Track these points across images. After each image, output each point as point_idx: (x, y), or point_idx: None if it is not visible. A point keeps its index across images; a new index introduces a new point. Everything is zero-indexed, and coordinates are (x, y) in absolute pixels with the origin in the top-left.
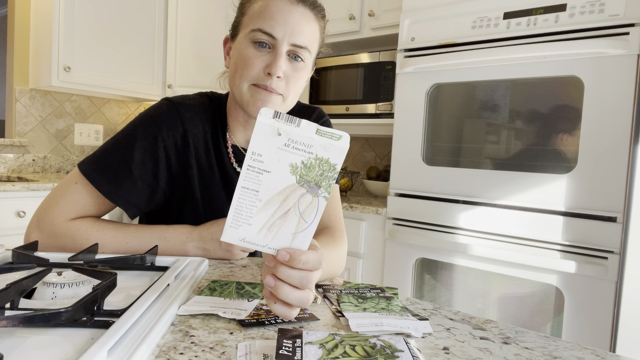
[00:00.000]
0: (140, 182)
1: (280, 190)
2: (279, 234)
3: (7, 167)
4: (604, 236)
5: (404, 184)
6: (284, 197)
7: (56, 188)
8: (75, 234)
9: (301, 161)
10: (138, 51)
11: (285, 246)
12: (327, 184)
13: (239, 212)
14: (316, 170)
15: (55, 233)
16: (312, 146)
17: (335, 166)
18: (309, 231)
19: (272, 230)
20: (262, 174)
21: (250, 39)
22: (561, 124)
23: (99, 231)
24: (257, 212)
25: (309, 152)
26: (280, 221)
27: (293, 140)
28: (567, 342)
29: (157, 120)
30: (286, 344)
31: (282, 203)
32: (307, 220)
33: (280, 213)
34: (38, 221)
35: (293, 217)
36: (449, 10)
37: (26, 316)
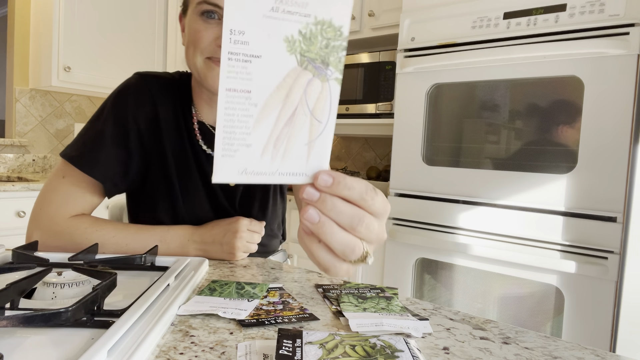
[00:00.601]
0: (114, 156)
1: (279, 81)
2: (290, 150)
3: (7, 167)
4: (604, 236)
5: (404, 184)
6: (286, 91)
7: (46, 185)
8: (74, 232)
9: (298, 31)
10: (138, 51)
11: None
12: (336, 58)
13: (230, 131)
14: (319, 40)
15: (54, 231)
16: (307, 4)
17: (341, 29)
18: (326, 136)
19: (279, 146)
20: (251, 62)
21: (198, 12)
22: (561, 124)
23: (98, 231)
24: (254, 123)
25: (306, 14)
26: (288, 129)
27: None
28: (567, 342)
29: (126, 94)
30: (286, 344)
31: (285, 101)
32: (320, 118)
33: (286, 117)
34: (36, 221)
35: (302, 118)
36: (449, 10)
37: (26, 316)
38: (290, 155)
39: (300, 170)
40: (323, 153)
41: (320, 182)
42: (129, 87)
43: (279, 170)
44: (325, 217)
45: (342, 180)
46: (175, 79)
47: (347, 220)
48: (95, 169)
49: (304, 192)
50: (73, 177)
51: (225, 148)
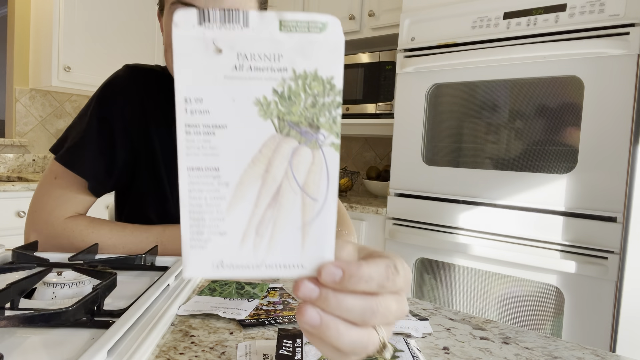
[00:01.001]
0: (99, 154)
1: (254, 154)
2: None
3: (7, 167)
4: (604, 236)
5: (404, 184)
6: (264, 166)
7: (40, 186)
8: (70, 234)
9: (272, 90)
10: (138, 51)
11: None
12: (328, 119)
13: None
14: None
15: (51, 234)
16: (281, 56)
17: (332, 82)
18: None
19: (262, 232)
20: (214, 134)
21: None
22: (561, 124)
23: (94, 232)
24: (227, 207)
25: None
26: (273, 212)
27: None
28: (567, 342)
29: (113, 87)
30: (286, 344)
31: (265, 177)
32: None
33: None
34: (32, 223)
35: (291, 197)
36: (449, 10)
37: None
38: (278, 242)
39: (294, 261)
40: (324, 238)
41: (327, 278)
42: (117, 81)
43: (265, 262)
44: (328, 317)
45: (356, 272)
46: (165, 73)
47: (357, 316)
48: (82, 166)
49: (299, 290)
50: (65, 179)
51: (194, 238)
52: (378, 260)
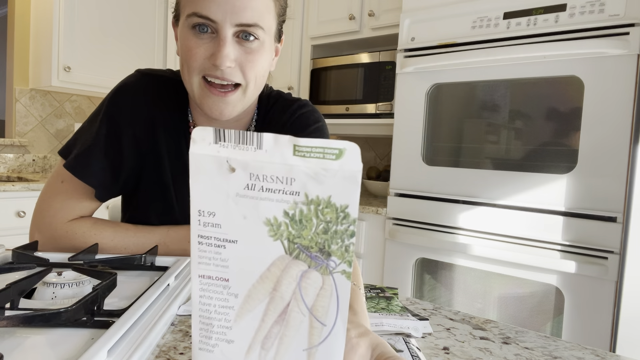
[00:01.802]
0: (106, 161)
1: (262, 270)
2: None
3: (7, 167)
4: (604, 236)
5: (404, 184)
6: (272, 283)
7: (46, 187)
8: (73, 237)
9: (283, 212)
10: (138, 51)
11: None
12: (340, 247)
13: (207, 322)
14: (314, 223)
15: (54, 236)
16: (293, 180)
17: (346, 209)
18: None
19: (268, 346)
20: (225, 247)
21: (189, 25)
22: (561, 124)
23: (97, 234)
24: (235, 317)
25: (292, 191)
26: (280, 328)
27: (258, 176)
28: (567, 342)
29: (123, 94)
30: None
31: (273, 294)
32: (324, 320)
33: (275, 313)
34: (37, 225)
35: (298, 317)
36: (449, 10)
37: (26, 316)
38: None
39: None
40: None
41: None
42: (127, 87)
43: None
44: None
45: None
46: (177, 79)
47: None
48: (89, 174)
49: None
50: (71, 184)
51: (202, 341)
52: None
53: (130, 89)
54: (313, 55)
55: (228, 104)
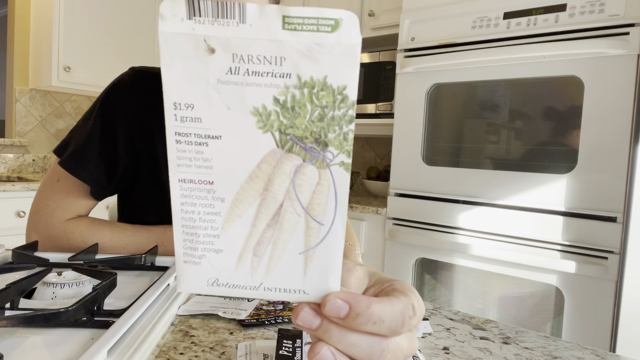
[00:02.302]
0: (100, 157)
1: (252, 169)
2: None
3: (7, 167)
4: (604, 236)
5: (404, 184)
6: (263, 182)
7: (42, 187)
8: (71, 236)
9: (273, 98)
10: (138, 51)
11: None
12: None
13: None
14: (308, 110)
15: (52, 236)
16: (284, 59)
17: (344, 91)
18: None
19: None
20: (208, 145)
21: None
22: (561, 124)
23: (95, 234)
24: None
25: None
26: (273, 232)
27: (242, 56)
28: (567, 342)
29: (118, 91)
30: (286, 344)
31: (264, 195)
32: (321, 219)
33: (268, 215)
34: (34, 224)
35: (293, 218)
36: (449, 10)
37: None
38: (278, 266)
39: (295, 287)
40: (329, 265)
41: (331, 311)
42: (121, 84)
43: (264, 285)
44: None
45: (365, 312)
46: None
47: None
48: (84, 172)
49: (298, 317)
50: (67, 182)
51: (187, 253)
52: (394, 300)
53: (124, 85)
54: None
55: None
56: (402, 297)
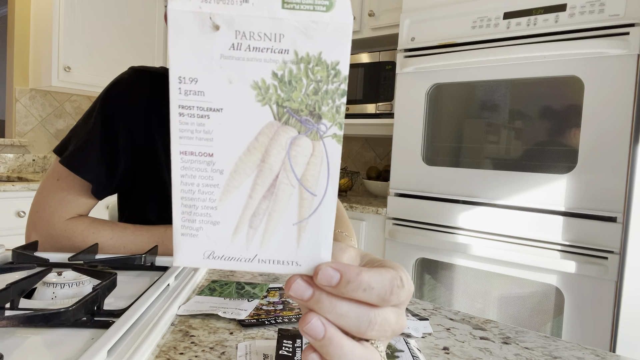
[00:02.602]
0: (101, 155)
1: (250, 141)
2: (272, 231)
3: (7, 167)
4: (604, 236)
5: (404, 184)
6: (260, 154)
7: (42, 186)
8: (71, 235)
9: (272, 73)
10: (138, 51)
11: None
12: (331, 107)
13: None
14: (304, 84)
15: (52, 235)
16: (282, 36)
17: (337, 67)
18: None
19: (256, 224)
20: (209, 117)
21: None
22: (561, 124)
23: (95, 233)
24: (220, 195)
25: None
26: (268, 204)
27: (244, 33)
28: (567, 342)
29: (118, 90)
30: (286, 344)
31: (261, 167)
32: (314, 190)
33: (264, 187)
34: (33, 224)
35: (287, 190)
36: (449, 10)
37: (26, 316)
38: (273, 237)
39: (288, 258)
40: (321, 236)
41: (322, 279)
42: (121, 83)
43: (259, 257)
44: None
45: (355, 278)
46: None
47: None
48: (85, 169)
49: (290, 288)
50: (67, 181)
51: (185, 225)
52: (383, 270)
53: (124, 84)
54: None
55: None
56: (391, 269)
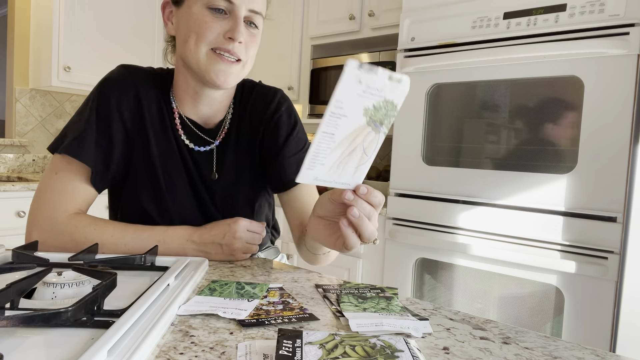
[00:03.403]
0: (97, 144)
1: (352, 131)
2: (345, 169)
3: (7, 167)
4: (604, 236)
5: (404, 184)
6: (354, 137)
7: (41, 184)
8: (73, 231)
9: (372, 104)
10: (138, 51)
11: (349, 178)
12: (388, 121)
13: (315, 155)
14: (382, 110)
15: (53, 231)
16: (383, 90)
17: (397, 106)
18: (368, 163)
19: (340, 166)
20: (340, 119)
21: (206, 4)
22: (561, 124)
23: (97, 230)
24: (330, 152)
25: (380, 95)
26: (348, 157)
27: (370, 86)
28: (567, 342)
29: (110, 82)
30: (286, 344)
31: (352, 142)
32: (368, 154)
33: (349, 151)
34: (34, 221)
35: (358, 152)
36: (449, 10)
37: (26, 316)
38: (345, 173)
39: (348, 182)
40: (363, 174)
41: (361, 191)
42: (112, 77)
43: (336, 181)
44: (361, 214)
45: (372, 192)
46: (157, 72)
47: (368, 213)
48: (83, 154)
49: (346, 195)
50: (65, 171)
51: (309, 164)
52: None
53: (116, 77)
54: (313, 55)
55: (230, 74)
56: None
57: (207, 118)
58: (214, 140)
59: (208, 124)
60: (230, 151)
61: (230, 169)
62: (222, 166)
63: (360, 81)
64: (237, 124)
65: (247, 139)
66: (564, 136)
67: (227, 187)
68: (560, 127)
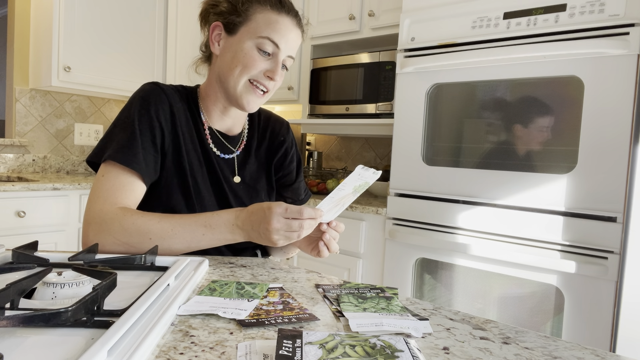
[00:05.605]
0: (145, 151)
1: (342, 195)
2: (330, 213)
3: (7, 167)
4: (604, 236)
5: (404, 184)
6: (341, 197)
7: (91, 189)
8: (122, 219)
9: (359, 184)
10: (138, 51)
11: (330, 217)
12: (362, 189)
13: (325, 207)
14: (363, 186)
15: (104, 220)
16: (367, 177)
17: (369, 183)
18: (340, 210)
19: (329, 211)
20: (340, 191)
21: (257, 45)
22: (561, 124)
23: (145, 216)
24: (330, 207)
25: (364, 180)
26: (334, 207)
27: (361, 176)
28: (567, 342)
29: (146, 97)
30: (286, 344)
31: (341, 200)
32: (344, 206)
33: (335, 204)
34: (87, 219)
35: (340, 205)
36: (449, 10)
37: (26, 316)
38: (329, 214)
39: (329, 218)
40: (337, 215)
41: (333, 224)
42: (148, 90)
43: (325, 218)
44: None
45: (338, 224)
46: (179, 89)
47: (335, 237)
48: (134, 162)
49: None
50: (111, 173)
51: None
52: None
53: (151, 92)
54: (313, 55)
55: (258, 103)
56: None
57: (229, 128)
58: (235, 148)
59: (230, 134)
60: (249, 160)
61: (248, 174)
62: (243, 171)
63: (360, 174)
64: (257, 139)
65: (264, 155)
66: (563, 136)
67: (247, 189)
68: (560, 127)
